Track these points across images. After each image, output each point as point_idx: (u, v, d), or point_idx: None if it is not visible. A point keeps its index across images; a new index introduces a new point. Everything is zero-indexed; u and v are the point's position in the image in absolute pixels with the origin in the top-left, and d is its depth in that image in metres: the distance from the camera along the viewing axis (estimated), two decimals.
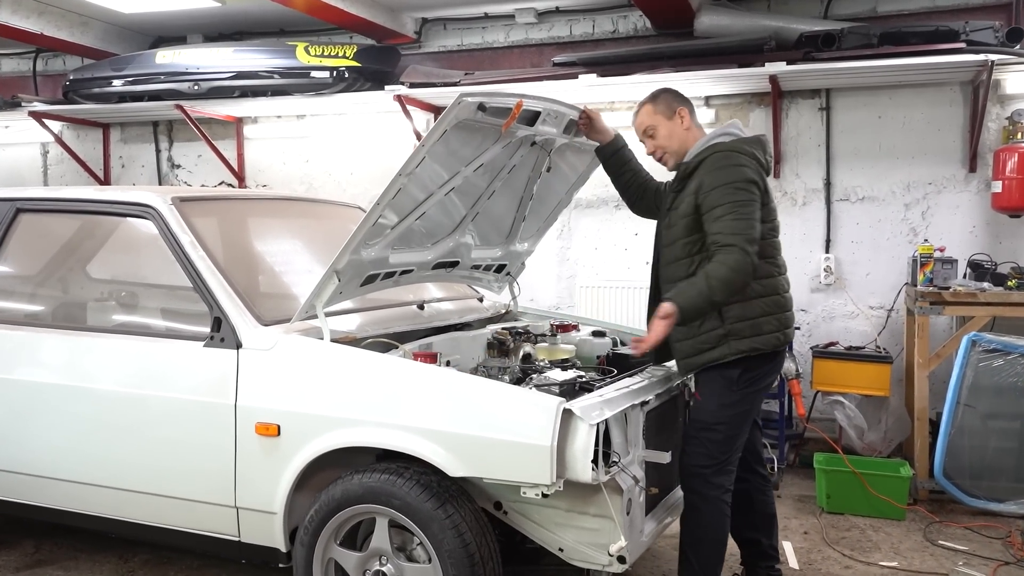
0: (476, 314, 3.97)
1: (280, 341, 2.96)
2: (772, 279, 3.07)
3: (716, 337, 3.03)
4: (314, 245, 3.87)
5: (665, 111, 3.16)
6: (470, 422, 2.68)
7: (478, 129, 3.01)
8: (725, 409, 3.06)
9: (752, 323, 3.02)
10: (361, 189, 6.66)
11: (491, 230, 3.76)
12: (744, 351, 3.02)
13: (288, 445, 2.90)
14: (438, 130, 2.82)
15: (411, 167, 2.87)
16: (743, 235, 2.89)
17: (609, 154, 3.44)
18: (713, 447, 3.06)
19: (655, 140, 3.19)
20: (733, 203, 2.92)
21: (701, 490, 3.08)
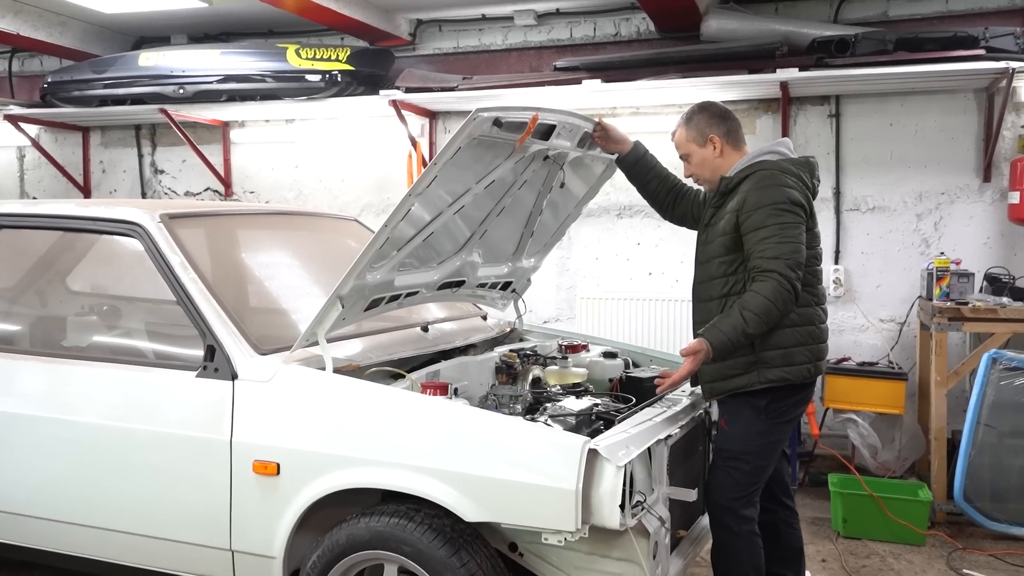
0: (481, 334, 3.77)
1: (279, 372, 2.75)
2: (809, 308, 2.89)
3: (745, 364, 2.86)
4: (312, 264, 3.65)
5: (697, 138, 2.98)
6: (486, 462, 2.48)
7: (491, 145, 2.82)
8: (753, 439, 2.90)
9: (784, 352, 2.85)
10: (353, 196, 6.44)
11: (498, 247, 3.57)
12: (773, 381, 2.85)
13: (288, 485, 2.69)
14: (451, 148, 2.62)
15: (421, 187, 2.67)
16: (786, 259, 2.72)
17: (631, 164, 3.26)
18: (741, 478, 2.89)
19: (689, 165, 3.04)
20: (778, 225, 2.75)
21: (732, 525, 2.92)
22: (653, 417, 2.86)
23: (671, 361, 3.80)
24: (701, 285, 3.00)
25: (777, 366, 2.84)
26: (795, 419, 2.99)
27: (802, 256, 2.75)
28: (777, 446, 2.95)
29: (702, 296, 2.97)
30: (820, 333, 2.93)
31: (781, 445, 3.01)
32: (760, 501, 3.15)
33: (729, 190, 2.91)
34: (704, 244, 3.00)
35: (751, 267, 2.78)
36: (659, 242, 5.78)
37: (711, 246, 2.94)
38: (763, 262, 2.73)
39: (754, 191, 2.81)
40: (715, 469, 2.99)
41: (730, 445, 2.93)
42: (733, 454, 2.91)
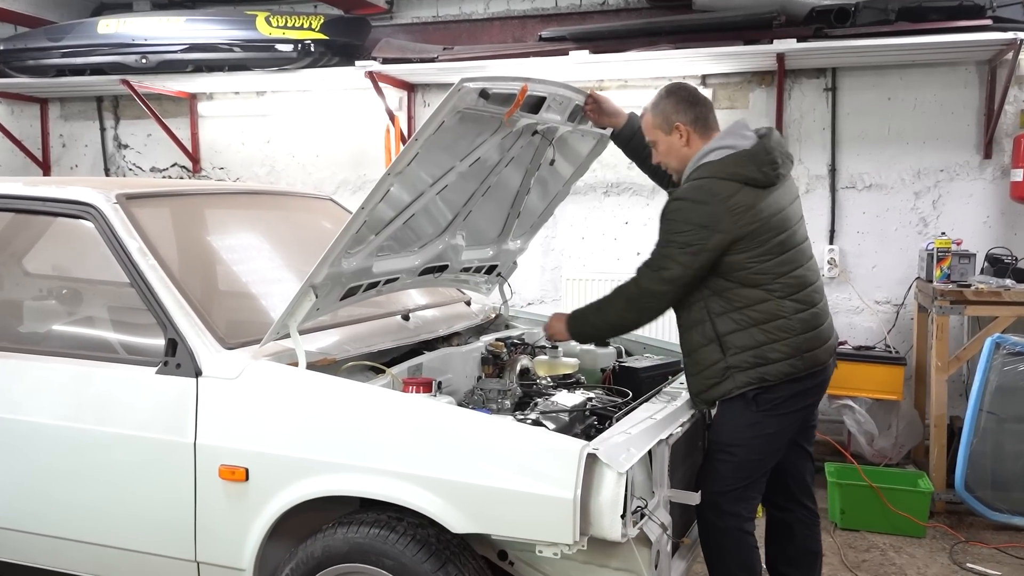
0: (466, 321, 3.54)
1: (247, 368, 2.51)
2: (767, 303, 2.67)
3: (719, 372, 2.72)
4: (285, 248, 3.40)
5: (663, 125, 2.79)
6: (475, 469, 2.26)
7: (477, 119, 2.60)
8: (743, 430, 2.72)
9: (755, 352, 2.67)
10: (328, 173, 6.17)
11: (483, 229, 3.35)
12: (751, 383, 2.68)
13: (258, 492, 2.46)
14: (434, 122, 2.39)
15: (402, 165, 2.44)
16: (654, 271, 2.70)
17: (627, 138, 3.06)
18: (728, 471, 2.73)
19: (656, 152, 2.86)
20: (665, 240, 2.69)
21: (713, 519, 2.75)
22: (653, 414, 2.65)
23: (667, 349, 3.60)
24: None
25: (749, 367, 2.68)
26: (797, 412, 2.78)
27: (676, 272, 2.65)
28: (773, 440, 2.76)
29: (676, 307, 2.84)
30: (798, 324, 2.69)
31: (779, 439, 2.79)
32: (775, 498, 3.01)
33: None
34: None
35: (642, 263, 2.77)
36: (647, 221, 5.56)
37: None
38: (639, 268, 2.75)
39: (669, 203, 2.70)
40: (704, 461, 2.84)
41: (719, 436, 2.77)
42: (721, 445, 2.75)
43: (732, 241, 2.61)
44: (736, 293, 2.67)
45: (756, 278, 2.65)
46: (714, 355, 2.71)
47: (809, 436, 3.01)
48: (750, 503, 2.80)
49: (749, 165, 2.65)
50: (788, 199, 2.76)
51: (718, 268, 2.65)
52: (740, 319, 2.67)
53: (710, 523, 2.78)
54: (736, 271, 2.64)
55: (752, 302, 2.66)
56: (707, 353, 2.72)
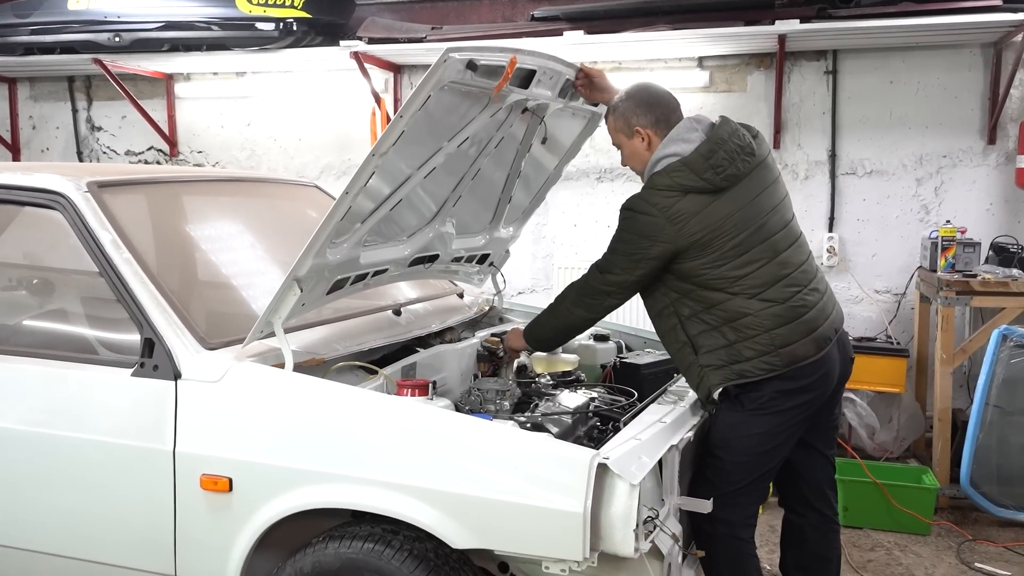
0: (459, 315, 3.37)
1: (231, 370, 2.33)
2: (731, 302, 2.53)
3: (696, 372, 2.62)
4: (268, 238, 3.21)
5: (624, 128, 2.68)
6: (477, 480, 2.10)
7: (465, 94, 2.44)
8: (728, 431, 2.58)
9: (727, 351, 2.54)
10: (311, 157, 5.96)
11: (473, 215, 3.18)
12: (729, 379, 2.55)
13: (243, 504, 2.29)
14: (420, 96, 2.22)
15: (386, 145, 2.27)
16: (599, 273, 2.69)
17: None
18: (714, 475, 2.60)
19: (622, 156, 2.77)
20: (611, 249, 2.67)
21: (703, 526, 2.60)
22: (662, 416, 2.50)
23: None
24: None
25: (723, 365, 2.55)
26: (789, 411, 2.57)
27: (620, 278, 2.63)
28: (764, 440, 2.58)
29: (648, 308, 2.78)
30: (768, 321, 2.52)
31: (770, 440, 2.60)
32: (790, 501, 2.89)
33: None
34: None
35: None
36: None
37: None
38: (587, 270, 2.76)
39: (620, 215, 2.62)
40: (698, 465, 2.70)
41: (710, 439, 2.63)
42: (709, 448, 2.62)
43: (676, 252, 2.53)
44: (699, 295, 2.57)
45: (714, 283, 2.55)
46: (689, 356, 2.61)
47: (826, 439, 2.85)
48: (744, 509, 2.64)
49: (688, 174, 2.52)
50: (754, 191, 2.57)
51: (677, 272, 2.57)
52: (709, 319, 2.56)
53: (700, 530, 2.63)
54: (692, 277, 2.56)
55: (716, 303, 2.55)
56: (683, 355, 2.64)
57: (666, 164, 2.56)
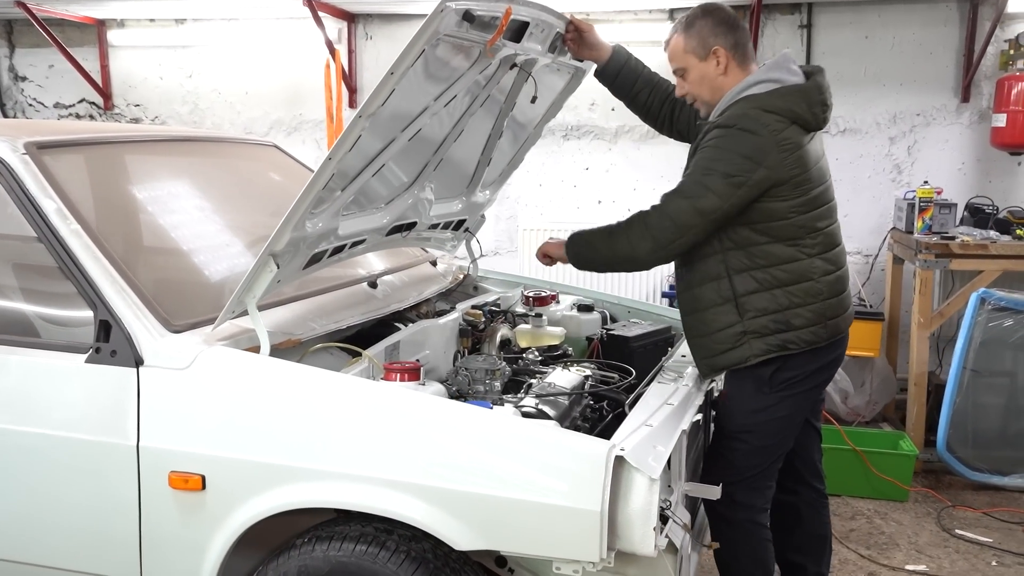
0: (435, 285, 3.16)
1: (200, 356, 2.09)
2: (798, 263, 2.39)
3: (733, 336, 2.42)
4: (230, 205, 2.93)
5: (697, 49, 2.41)
6: (481, 476, 1.92)
7: (456, 48, 2.22)
8: (755, 415, 2.45)
9: (776, 317, 2.39)
10: (260, 112, 5.62)
11: (451, 179, 2.97)
12: (769, 351, 2.40)
13: (218, 503, 2.07)
14: (413, 51, 2.00)
15: (375, 105, 2.04)
16: (687, 199, 2.34)
17: (613, 74, 2.72)
18: (738, 459, 2.48)
19: (684, 82, 2.48)
20: (705, 169, 2.33)
21: (725, 512, 2.50)
22: (668, 398, 2.34)
23: (653, 313, 3.30)
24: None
25: (770, 333, 2.39)
26: (812, 391, 2.54)
27: (711, 205, 2.31)
28: (787, 423, 2.50)
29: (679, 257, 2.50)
30: (825, 288, 2.42)
31: (794, 421, 2.54)
32: (781, 479, 2.73)
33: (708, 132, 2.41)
34: None
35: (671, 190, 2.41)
36: (610, 167, 5.22)
37: None
38: (666, 195, 2.38)
39: (712, 131, 2.35)
40: (713, 449, 2.58)
41: (729, 422, 2.51)
42: (730, 432, 2.49)
43: (774, 183, 2.30)
44: (763, 249, 2.37)
45: (792, 231, 2.36)
46: (729, 317, 2.40)
47: (817, 412, 2.79)
48: (764, 492, 2.56)
49: (800, 102, 2.33)
50: (822, 148, 2.49)
51: (750, 216, 2.35)
52: (763, 279, 2.37)
53: (721, 516, 2.53)
54: (772, 221, 2.34)
55: (779, 260, 2.37)
56: (720, 314, 2.42)
57: (769, 87, 2.35)
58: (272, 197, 3.20)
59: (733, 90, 2.40)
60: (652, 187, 5.14)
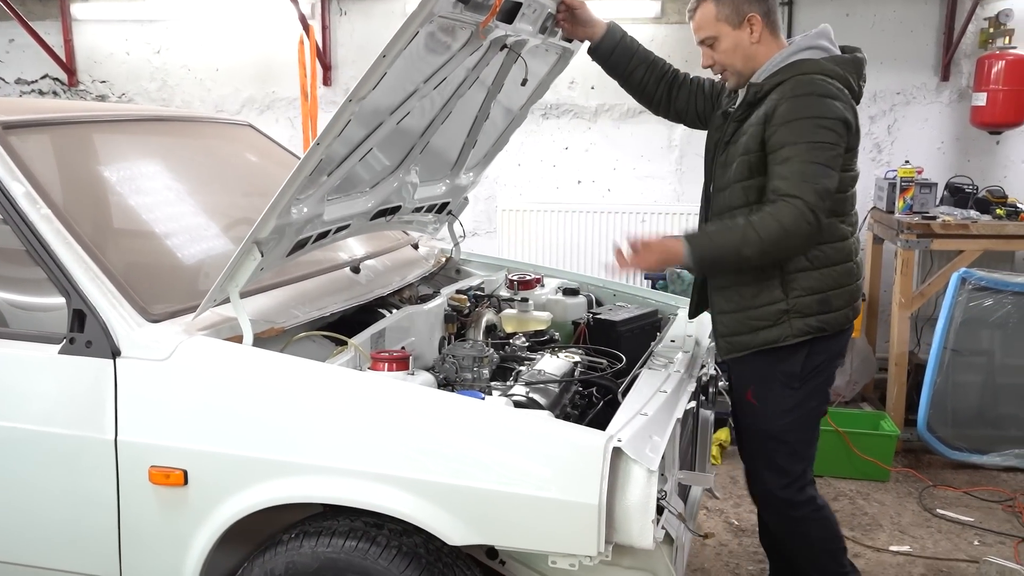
0: (418, 269, 3.10)
1: (181, 346, 2.01)
2: (846, 242, 2.38)
3: (775, 313, 2.35)
4: (206, 188, 2.84)
5: (731, 16, 2.33)
6: (475, 468, 1.86)
7: (448, 30, 2.16)
8: (790, 413, 2.42)
9: (822, 297, 2.35)
10: (231, 89, 5.48)
11: (436, 162, 2.91)
12: (809, 332, 2.36)
13: (201, 499, 2.00)
14: (407, 32, 1.93)
15: (366, 89, 1.97)
16: (813, 186, 2.19)
17: (608, 52, 2.63)
18: (787, 461, 2.45)
19: (714, 52, 2.38)
20: (809, 144, 2.19)
21: (791, 513, 2.50)
22: (661, 385, 2.30)
23: (639, 296, 3.26)
24: (719, 217, 2.42)
25: (813, 314, 2.35)
26: (833, 374, 2.53)
27: (833, 183, 2.22)
28: (818, 412, 2.49)
29: None
30: (858, 269, 2.44)
31: (823, 408, 2.54)
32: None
33: (758, 99, 2.32)
34: (723, 166, 2.41)
35: (770, 190, 2.24)
36: (589, 146, 5.16)
37: (732, 168, 2.36)
38: (785, 184, 2.20)
39: (788, 100, 2.23)
40: (754, 454, 2.52)
41: (765, 425, 2.45)
42: (770, 435, 2.44)
43: (847, 149, 2.27)
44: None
45: (842, 206, 2.34)
46: (773, 293, 2.34)
47: None
48: (812, 480, 2.55)
49: (853, 72, 2.32)
50: None
51: None
52: (815, 256, 2.32)
53: (788, 518, 2.52)
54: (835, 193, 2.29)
55: (832, 238, 2.33)
56: (764, 290, 2.35)
57: (819, 55, 2.29)
58: (248, 179, 3.12)
59: (778, 55, 2.33)
60: (632, 167, 5.10)
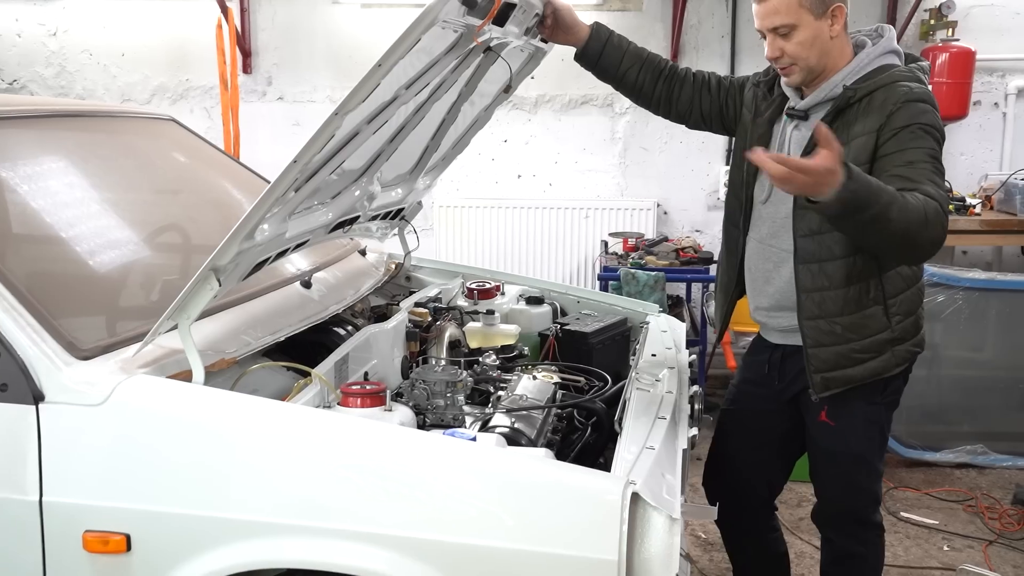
0: (370, 280, 2.83)
1: (119, 388, 1.71)
2: None
3: (879, 344, 2.15)
4: (133, 192, 2.50)
5: (815, 6, 2.07)
6: (472, 523, 1.63)
7: (440, 35, 1.93)
8: (875, 435, 2.27)
9: (915, 319, 2.21)
10: (139, 76, 5.05)
11: (397, 168, 2.66)
12: (909, 359, 2.23)
13: (147, 568, 1.71)
14: (408, 40, 1.70)
15: (356, 101, 1.73)
16: (944, 195, 1.99)
17: (595, 55, 2.39)
18: (870, 483, 2.31)
19: (786, 43, 2.10)
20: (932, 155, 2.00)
21: (861, 534, 2.36)
22: (658, 410, 2.11)
23: (603, 303, 3.05)
24: (808, 238, 2.14)
25: (910, 339, 2.20)
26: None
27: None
28: (889, 426, 2.35)
29: (811, 253, 2.14)
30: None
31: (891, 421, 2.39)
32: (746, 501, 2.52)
33: (848, 104, 2.09)
34: None
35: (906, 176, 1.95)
36: (529, 139, 4.94)
37: None
38: (928, 186, 1.93)
39: (905, 107, 2.02)
40: (831, 477, 2.32)
41: (847, 447, 2.26)
42: (854, 458, 2.26)
43: None
44: None
45: None
46: (879, 322, 2.12)
47: None
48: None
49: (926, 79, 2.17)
50: None
51: None
52: (909, 275, 2.16)
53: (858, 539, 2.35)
54: None
55: None
56: (869, 319, 2.12)
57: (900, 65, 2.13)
58: (179, 181, 2.79)
59: (862, 58, 2.11)
60: (574, 160, 4.90)
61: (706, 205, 4.93)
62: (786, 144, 2.23)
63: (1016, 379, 4.21)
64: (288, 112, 4.88)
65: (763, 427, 2.42)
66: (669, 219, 4.94)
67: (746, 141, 2.33)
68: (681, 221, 4.95)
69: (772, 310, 2.33)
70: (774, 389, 2.36)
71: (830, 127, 2.02)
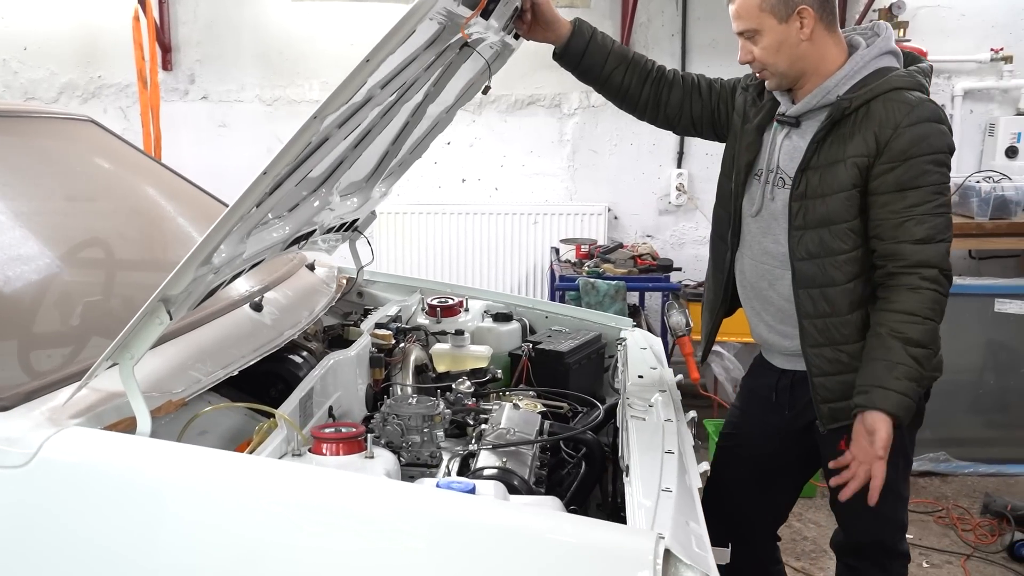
0: (323, 298, 2.55)
1: (47, 443, 1.41)
2: None
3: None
4: (52, 204, 2.17)
5: (778, 6, 1.90)
6: None
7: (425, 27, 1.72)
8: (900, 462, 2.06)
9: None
10: (44, 73, 4.62)
11: (354, 175, 2.40)
12: (927, 386, 2.08)
13: None
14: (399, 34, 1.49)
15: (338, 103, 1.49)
16: (944, 246, 1.90)
17: (577, 55, 2.18)
18: (892, 509, 2.12)
19: (754, 47, 1.96)
20: (932, 188, 1.88)
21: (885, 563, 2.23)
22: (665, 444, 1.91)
23: (573, 317, 2.84)
24: (807, 262, 1.99)
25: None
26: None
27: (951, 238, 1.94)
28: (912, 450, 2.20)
29: (811, 278, 2.00)
30: None
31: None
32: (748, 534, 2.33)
33: (844, 116, 1.92)
34: (802, 199, 1.98)
35: (888, 253, 1.89)
36: (474, 141, 4.70)
37: (828, 202, 1.94)
38: (913, 251, 1.87)
39: (906, 132, 1.86)
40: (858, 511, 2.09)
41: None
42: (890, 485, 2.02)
43: None
44: None
45: None
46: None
47: None
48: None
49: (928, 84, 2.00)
50: None
51: None
52: None
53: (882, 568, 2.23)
54: None
55: None
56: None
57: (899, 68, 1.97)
58: (102, 189, 2.47)
59: (862, 58, 1.94)
60: (521, 163, 4.68)
61: (657, 209, 4.77)
62: (776, 155, 2.06)
63: (971, 383, 4.17)
64: (213, 112, 4.51)
65: (769, 455, 2.25)
66: (620, 224, 4.77)
67: (735, 149, 2.17)
68: (632, 226, 4.78)
69: (772, 332, 2.17)
70: (783, 417, 2.18)
71: (824, 141, 1.95)
